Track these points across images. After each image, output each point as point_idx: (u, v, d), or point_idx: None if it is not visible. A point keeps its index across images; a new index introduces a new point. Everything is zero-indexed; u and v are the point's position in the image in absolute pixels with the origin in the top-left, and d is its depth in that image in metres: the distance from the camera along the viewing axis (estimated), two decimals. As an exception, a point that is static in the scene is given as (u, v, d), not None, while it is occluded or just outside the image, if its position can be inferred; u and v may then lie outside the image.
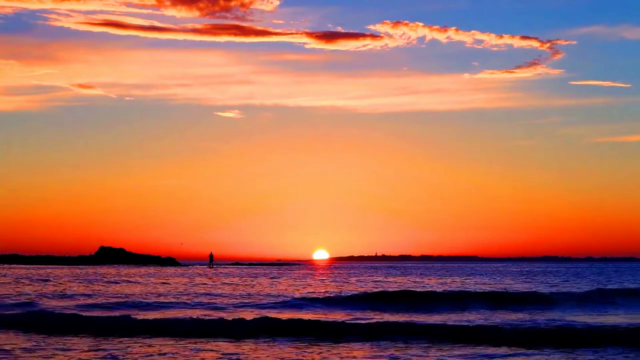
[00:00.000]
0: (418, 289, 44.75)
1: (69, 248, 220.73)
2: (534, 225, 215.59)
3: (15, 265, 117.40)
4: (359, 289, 46.46)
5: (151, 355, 19.49)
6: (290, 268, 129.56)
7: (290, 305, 34.16)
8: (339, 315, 29.98)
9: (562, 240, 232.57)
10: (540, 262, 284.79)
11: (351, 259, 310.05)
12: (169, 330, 24.44)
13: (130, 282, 57.31)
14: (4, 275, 66.98)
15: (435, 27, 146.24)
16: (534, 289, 46.89)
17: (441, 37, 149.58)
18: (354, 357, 19.73)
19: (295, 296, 39.37)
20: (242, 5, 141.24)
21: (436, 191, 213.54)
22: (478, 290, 43.57)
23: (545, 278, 71.76)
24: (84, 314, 28.35)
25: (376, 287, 49.46)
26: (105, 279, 60.60)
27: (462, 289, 46.31)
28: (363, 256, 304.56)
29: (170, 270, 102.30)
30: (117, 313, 29.07)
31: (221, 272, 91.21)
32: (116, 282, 55.42)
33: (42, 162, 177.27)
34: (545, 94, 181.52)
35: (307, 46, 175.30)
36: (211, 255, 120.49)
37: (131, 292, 43.10)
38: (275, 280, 65.12)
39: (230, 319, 26.47)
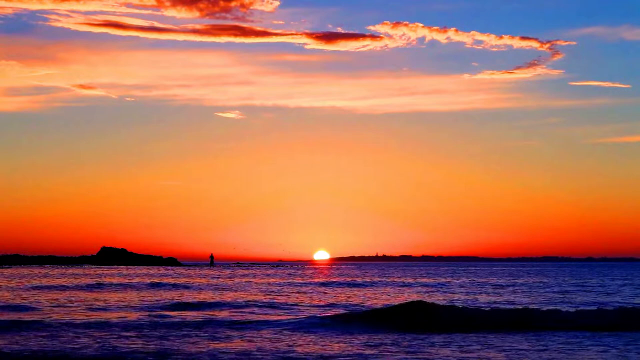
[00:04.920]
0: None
1: (70, 248, 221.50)
2: (534, 225, 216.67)
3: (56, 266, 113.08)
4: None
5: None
6: (307, 267, 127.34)
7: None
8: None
9: (562, 240, 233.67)
10: (540, 262, 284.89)
11: (352, 259, 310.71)
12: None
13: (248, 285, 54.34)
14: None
15: (435, 27, 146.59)
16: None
17: (441, 37, 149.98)
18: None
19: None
20: (242, 5, 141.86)
21: (436, 191, 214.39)
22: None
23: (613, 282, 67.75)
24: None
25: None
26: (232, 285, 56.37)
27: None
28: (364, 256, 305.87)
29: (204, 271, 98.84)
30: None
31: (288, 272, 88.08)
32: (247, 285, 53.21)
33: (43, 163, 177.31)
34: (545, 95, 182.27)
35: (307, 47, 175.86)
36: (212, 256, 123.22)
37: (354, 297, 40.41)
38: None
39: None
